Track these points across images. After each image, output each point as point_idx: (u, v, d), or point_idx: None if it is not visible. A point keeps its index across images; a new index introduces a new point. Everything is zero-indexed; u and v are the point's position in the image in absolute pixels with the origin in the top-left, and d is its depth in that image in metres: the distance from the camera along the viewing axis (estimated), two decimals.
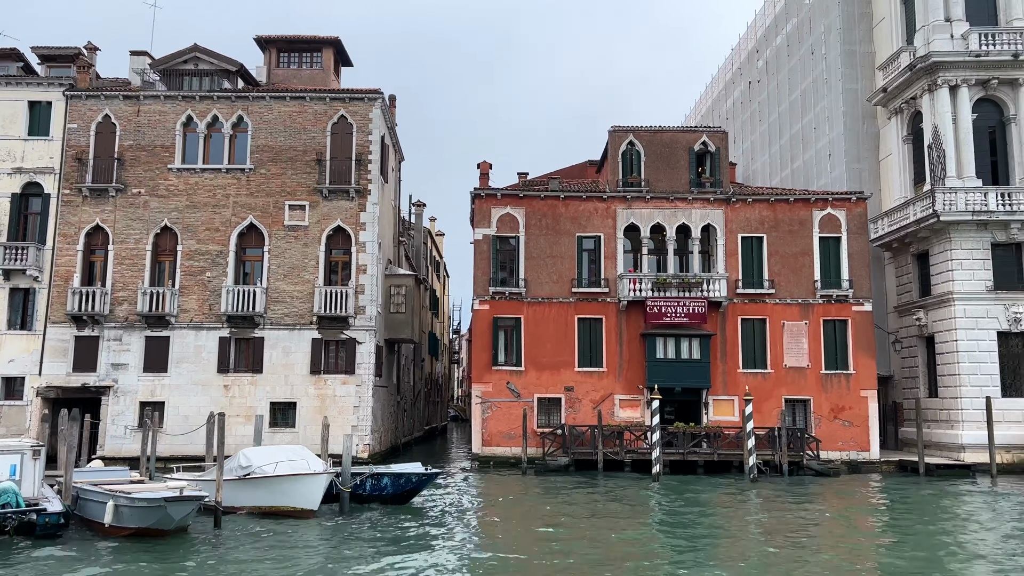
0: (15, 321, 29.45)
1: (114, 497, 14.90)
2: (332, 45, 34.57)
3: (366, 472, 19.24)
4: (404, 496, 19.38)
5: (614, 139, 31.43)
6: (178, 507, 14.63)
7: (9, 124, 30.37)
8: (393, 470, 19.45)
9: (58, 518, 14.74)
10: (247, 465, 17.61)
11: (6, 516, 14.16)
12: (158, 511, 14.52)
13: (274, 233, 30.07)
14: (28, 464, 15.57)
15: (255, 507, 17.34)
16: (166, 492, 14.98)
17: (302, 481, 17.06)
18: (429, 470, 19.68)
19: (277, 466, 17.28)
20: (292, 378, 29.38)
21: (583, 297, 30.37)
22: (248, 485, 17.37)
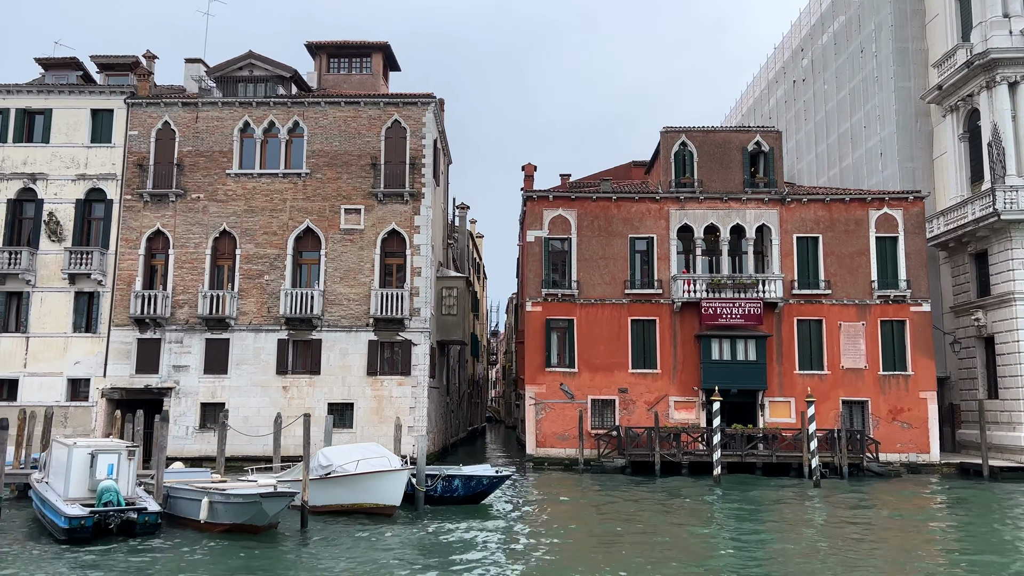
0: (80, 324, 30.17)
1: (208, 494, 15.25)
2: (381, 50, 34.98)
3: (438, 474, 19.43)
4: (474, 498, 19.55)
5: (666, 140, 31.38)
6: (273, 503, 14.95)
7: (73, 132, 31.13)
8: (464, 472, 19.63)
9: (156, 516, 15.13)
10: (327, 464, 17.90)
11: (109, 514, 14.55)
12: (253, 507, 14.84)
13: (330, 237, 30.47)
14: (124, 464, 15.99)
15: (337, 505, 17.59)
16: (261, 488, 15.29)
17: (384, 478, 17.31)
18: (499, 473, 19.82)
19: (358, 464, 17.55)
20: (349, 379, 29.75)
21: (636, 298, 30.36)
22: (329, 484, 17.65)
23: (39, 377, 29.72)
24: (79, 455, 15.82)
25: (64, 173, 30.84)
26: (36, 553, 14.00)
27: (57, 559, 13.52)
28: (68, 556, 13.70)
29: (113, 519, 14.54)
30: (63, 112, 31.20)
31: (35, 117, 31.42)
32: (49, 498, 15.61)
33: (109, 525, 14.53)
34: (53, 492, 16.00)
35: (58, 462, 16.67)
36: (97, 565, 13.16)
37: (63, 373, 29.75)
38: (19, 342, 29.85)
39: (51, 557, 13.67)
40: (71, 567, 13.04)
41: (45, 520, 15.74)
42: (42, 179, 30.77)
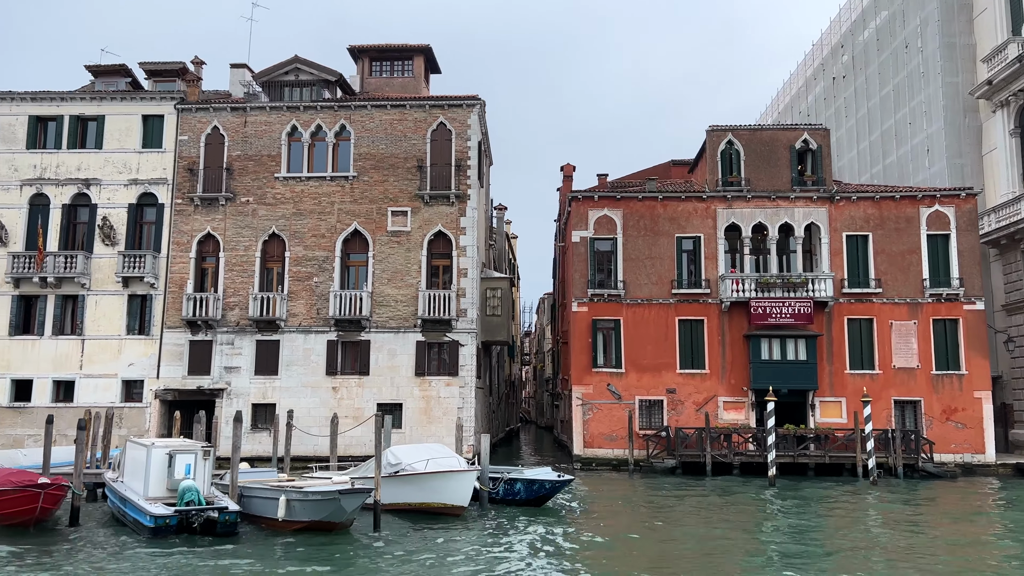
0: (133, 326, 30.67)
1: (286, 492, 15.45)
2: (423, 53, 35.19)
3: (500, 476, 19.49)
4: (536, 501, 19.57)
5: (712, 138, 31.22)
6: (351, 499, 15.11)
7: (125, 137, 31.68)
8: (526, 475, 19.67)
9: (235, 515, 15.36)
10: (396, 463, 18.04)
11: (192, 513, 14.80)
12: (331, 504, 15.01)
13: (377, 239, 30.70)
14: (200, 463, 16.25)
15: (404, 503, 17.72)
16: (338, 485, 15.46)
17: (454, 478, 17.43)
18: (561, 476, 19.84)
19: (428, 463, 17.67)
20: (398, 380, 29.95)
21: (683, 298, 30.24)
22: (397, 482, 17.77)
23: (94, 378, 30.27)
24: (158, 455, 16.11)
25: (117, 178, 31.39)
26: (123, 550, 14.27)
27: (145, 557, 13.77)
28: (155, 554, 13.95)
29: (196, 518, 14.79)
30: (115, 118, 31.76)
31: (88, 124, 32.01)
32: (130, 497, 15.90)
33: (193, 524, 14.79)
34: (132, 491, 16.28)
35: (135, 462, 16.98)
36: (185, 563, 13.39)
37: (117, 375, 30.28)
38: (75, 344, 30.43)
39: (139, 555, 13.93)
40: (160, 564, 13.27)
41: (127, 519, 16.04)
42: (95, 184, 31.34)
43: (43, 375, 30.28)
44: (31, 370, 30.32)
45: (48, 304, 30.60)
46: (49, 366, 30.32)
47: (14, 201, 31.28)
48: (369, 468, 18.55)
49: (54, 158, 31.56)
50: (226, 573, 12.82)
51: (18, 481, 15.89)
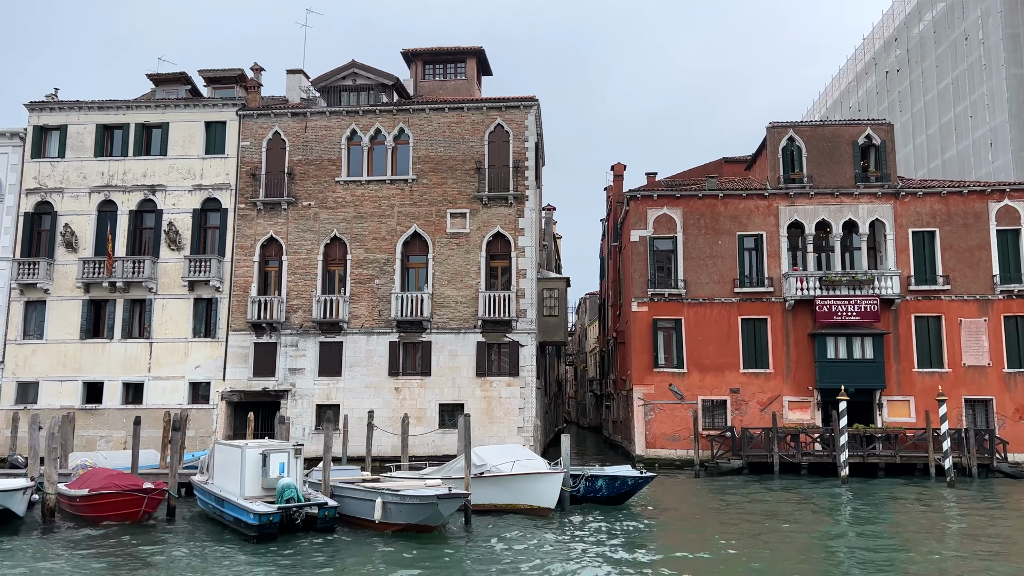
0: (199, 329, 31.24)
1: (382, 495, 15.61)
2: (475, 55, 35.33)
3: (581, 474, 19.49)
4: (618, 499, 19.54)
5: (772, 135, 30.91)
6: (448, 504, 15.23)
7: (188, 144, 32.29)
8: (607, 472, 19.66)
9: (334, 511, 15.57)
10: (481, 464, 18.12)
11: (292, 510, 15.04)
12: (429, 508, 15.14)
13: (437, 240, 30.90)
14: (292, 462, 16.51)
15: (490, 504, 17.80)
16: (434, 490, 15.59)
17: (541, 479, 17.48)
18: (643, 473, 19.78)
19: (514, 465, 17.74)
20: (459, 380, 30.11)
21: (746, 297, 29.97)
22: (484, 483, 17.84)
23: (162, 381, 30.89)
24: (252, 455, 16.39)
25: (181, 184, 32.02)
26: (231, 548, 14.54)
27: (255, 554, 14.02)
28: (262, 551, 14.20)
29: (298, 515, 15.03)
30: (179, 125, 32.39)
31: (152, 131, 32.69)
32: (227, 497, 16.20)
33: (296, 521, 15.02)
34: (227, 491, 16.58)
35: (226, 463, 17.29)
36: (294, 559, 13.61)
37: (185, 377, 30.86)
38: (143, 348, 31.08)
39: (248, 553, 14.19)
40: (270, 560, 13.51)
41: (225, 518, 16.34)
42: (161, 190, 32.00)
43: (113, 378, 30.98)
44: (102, 373, 31.04)
45: (117, 308, 31.31)
46: (119, 369, 31.01)
47: (83, 208, 32.07)
48: (452, 469, 18.65)
49: (121, 165, 32.30)
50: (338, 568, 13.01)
51: (124, 484, 16.29)
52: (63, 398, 30.97)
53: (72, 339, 31.28)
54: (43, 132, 32.78)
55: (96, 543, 14.96)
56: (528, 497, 17.55)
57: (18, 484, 16.43)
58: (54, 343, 31.29)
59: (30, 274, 31.29)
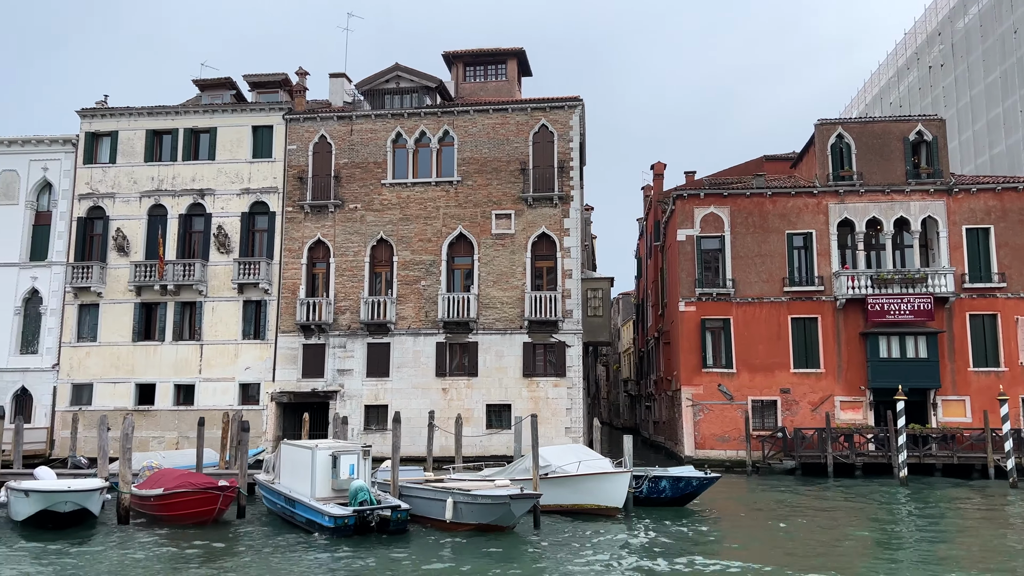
0: (249, 331, 31.61)
1: (452, 495, 15.68)
2: (516, 56, 35.37)
3: (644, 475, 19.41)
4: (681, 500, 19.43)
5: (821, 132, 30.57)
6: (520, 504, 15.26)
7: (236, 148, 32.71)
8: (671, 473, 19.56)
9: (406, 514, 15.66)
10: (545, 464, 18.11)
11: (367, 512, 15.15)
12: (501, 508, 15.18)
13: (482, 242, 30.98)
14: (361, 464, 16.64)
15: (555, 505, 17.78)
16: (506, 489, 15.63)
17: (608, 480, 17.45)
18: (708, 474, 19.66)
19: (580, 465, 17.72)
20: (506, 381, 30.15)
21: (796, 296, 29.67)
22: (549, 484, 17.79)
23: (213, 382, 31.30)
24: (322, 457, 16.55)
25: (229, 188, 32.42)
26: (304, 550, 14.69)
27: (331, 555, 14.16)
28: (338, 553, 14.33)
29: (372, 517, 15.14)
30: (226, 130, 32.82)
31: (200, 136, 33.16)
32: (298, 498, 16.37)
33: (371, 522, 15.13)
34: (297, 492, 16.74)
35: (294, 463, 17.47)
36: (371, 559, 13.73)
37: (235, 378, 31.25)
38: (194, 349, 31.52)
39: (324, 553, 14.33)
40: (348, 563, 13.63)
41: (296, 518, 16.51)
42: (209, 194, 32.43)
43: (165, 379, 31.46)
44: (154, 375, 31.53)
45: (168, 311, 31.79)
46: (170, 371, 31.48)
47: (134, 212, 32.61)
48: (516, 469, 18.67)
49: (170, 170, 32.79)
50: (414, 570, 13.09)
51: (199, 483, 16.54)
52: (116, 399, 31.51)
53: (125, 341, 31.82)
54: (95, 138, 33.40)
55: (175, 542, 15.19)
56: (595, 497, 17.52)
57: (95, 484, 16.75)
58: (107, 345, 31.85)
59: (84, 278, 31.88)
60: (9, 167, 33.33)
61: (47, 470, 19.18)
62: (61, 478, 19.07)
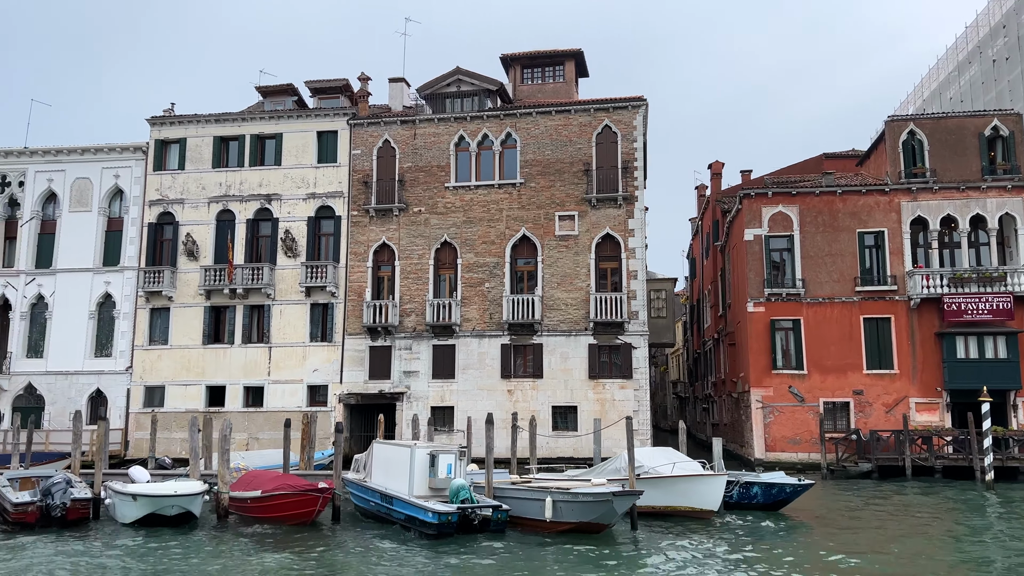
0: (316, 334, 32.02)
1: (551, 494, 15.69)
2: (573, 57, 35.30)
3: (734, 479, 19.20)
4: (773, 506, 19.17)
5: (892, 129, 30.04)
6: (622, 501, 15.22)
7: (302, 153, 33.18)
8: (763, 479, 19.34)
9: (506, 515, 15.71)
10: (638, 466, 18.00)
11: (469, 511, 15.23)
12: (603, 506, 15.15)
13: (546, 243, 30.99)
14: (458, 463, 16.74)
15: (648, 506, 17.67)
16: (607, 488, 15.59)
17: (704, 482, 17.33)
18: (801, 481, 19.37)
19: (674, 467, 17.62)
20: (571, 383, 30.10)
21: (868, 296, 29.17)
22: (642, 485, 17.62)
23: (281, 384, 31.76)
24: (421, 456, 16.68)
25: (295, 193, 32.91)
26: (407, 547, 14.81)
27: (436, 553, 14.25)
28: (443, 550, 14.43)
29: (475, 515, 15.22)
30: (292, 135, 33.32)
31: (266, 142, 33.71)
32: (396, 495, 16.52)
33: (474, 520, 15.21)
34: (392, 489, 16.89)
35: (388, 462, 17.64)
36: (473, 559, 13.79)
37: (303, 380, 31.66)
38: (263, 352, 32.02)
39: (428, 551, 14.44)
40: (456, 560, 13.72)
41: (393, 516, 16.67)
42: (276, 199, 32.95)
43: (234, 381, 32.00)
44: (223, 377, 32.10)
45: (237, 314, 32.34)
46: (240, 373, 32.01)
47: (203, 218, 33.26)
48: (606, 470, 18.60)
49: (237, 176, 33.39)
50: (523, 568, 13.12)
51: (297, 485, 16.78)
52: (187, 401, 32.15)
53: (195, 344, 32.45)
54: (163, 145, 34.15)
55: (281, 543, 15.41)
56: (690, 500, 17.39)
57: (198, 487, 17.09)
58: (178, 348, 32.51)
59: (155, 282, 32.60)
60: (82, 175, 34.25)
61: (141, 470, 19.60)
62: (154, 478, 19.50)
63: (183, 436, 31.76)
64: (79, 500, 17.16)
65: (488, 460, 17.42)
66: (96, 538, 16.02)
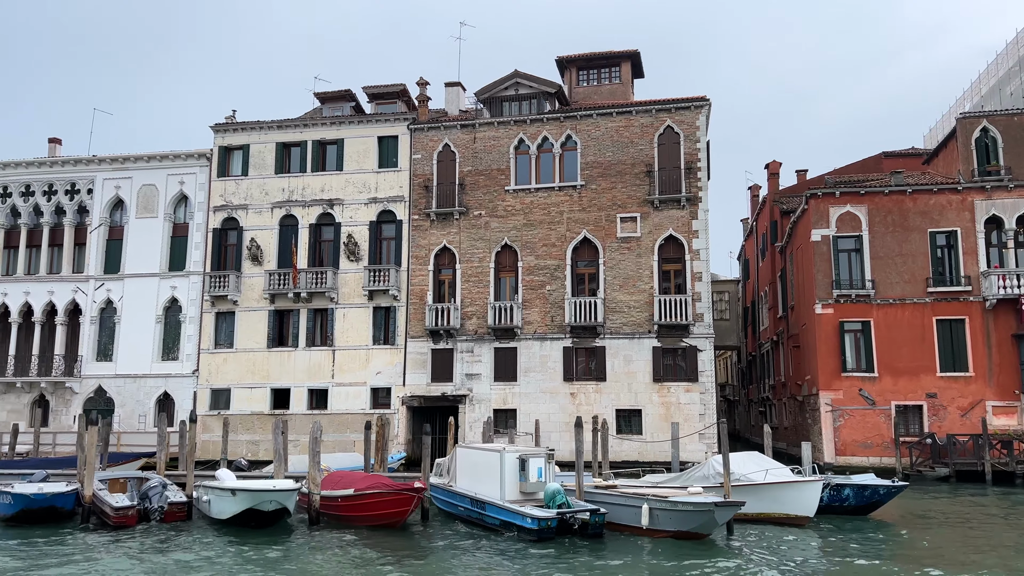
0: (379, 337, 32.30)
1: (648, 501, 15.59)
2: (629, 58, 35.17)
3: (825, 482, 18.85)
4: (865, 509, 18.83)
5: (963, 126, 29.41)
6: (724, 511, 15.07)
7: (363, 159, 33.52)
8: (854, 481, 19.00)
9: (603, 518, 15.65)
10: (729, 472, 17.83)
11: (567, 515, 15.20)
12: (704, 515, 15.01)
13: (607, 245, 30.88)
14: (547, 467, 16.72)
15: (741, 513, 17.44)
16: (708, 497, 15.45)
17: (800, 488, 17.10)
18: (895, 482, 19.01)
19: (767, 474, 17.41)
20: (635, 386, 29.93)
21: (940, 297, 28.54)
22: (735, 492, 17.50)
23: (345, 387, 32.08)
24: (511, 460, 16.71)
25: (357, 198, 33.24)
26: (511, 552, 14.82)
27: (539, 557, 14.25)
28: (545, 554, 14.42)
29: (574, 520, 15.19)
30: (353, 141, 33.67)
31: (327, 147, 34.12)
32: (487, 499, 16.55)
33: (573, 525, 15.18)
34: (483, 494, 16.93)
35: (477, 466, 17.69)
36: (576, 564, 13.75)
37: (366, 383, 31.95)
38: (326, 355, 32.38)
39: (529, 556, 14.43)
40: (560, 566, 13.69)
41: (487, 520, 16.70)
42: (338, 204, 33.32)
43: (299, 384, 32.41)
44: (288, 380, 32.53)
45: (300, 318, 32.76)
46: (304, 376, 32.41)
47: (266, 223, 33.76)
48: (694, 476, 18.42)
49: (300, 181, 33.84)
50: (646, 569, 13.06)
51: (391, 485, 16.92)
52: (253, 404, 32.64)
53: (260, 348, 32.93)
54: (227, 152, 34.76)
55: (378, 543, 15.54)
56: (785, 506, 17.15)
57: (293, 484, 17.32)
58: (243, 352, 33.02)
59: (220, 287, 33.16)
60: (149, 182, 35.01)
61: (228, 472, 19.90)
62: (241, 479, 19.80)
63: (248, 438, 32.37)
64: (175, 503, 17.51)
65: (578, 464, 17.37)
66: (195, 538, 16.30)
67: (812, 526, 17.27)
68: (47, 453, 31.47)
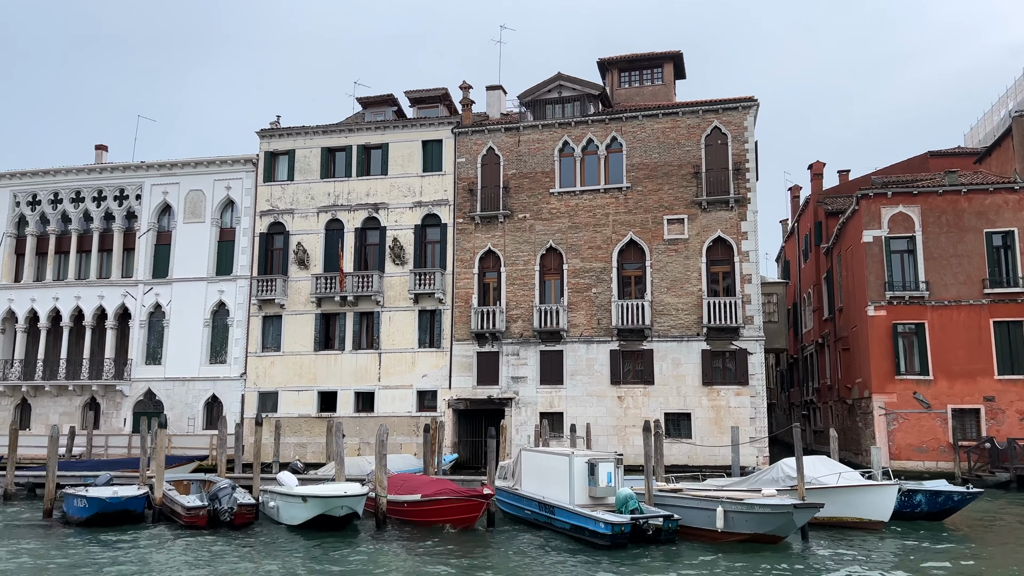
0: (424, 340, 32.41)
1: (722, 504, 15.45)
2: (672, 60, 34.96)
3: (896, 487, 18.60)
4: (939, 515, 18.52)
5: (1020, 124, 28.90)
6: (802, 514, 14.92)
7: (407, 163, 33.68)
8: (926, 487, 18.71)
9: (676, 523, 15.54)
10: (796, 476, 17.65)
11: (641, 521, 15.11)
12: (782, 518, 14.86)
13: (654, 247, 30.72)
14: (616, 472, 16.65)
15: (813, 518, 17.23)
16: (787, 500, 15.30)
17: (875, 492, 16.88)
18: (970, 489, 18.68)
19: (839, 477, 17.20)
20: (684, 389, 29.72)
21: (997, 298, 28.03)
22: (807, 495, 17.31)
23: (391, 390, 32.23)
24: (579, 464, 16.65)
25: (402, 201, 33.41)
26: (583, 558, 14.75)
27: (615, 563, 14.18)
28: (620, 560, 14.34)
29: (648, 525, 15.10)
30: (397, 145, 33.86)
31: (372, 152, 34.33)
32: (557, 504, 16.51)
33: (647, 531, 15.09)
34: (551, 498, 16.88)
35: (542, 470, 17.67)
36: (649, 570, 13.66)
37: (412, 386, 32.07)
38: (372, 358, 32.55)
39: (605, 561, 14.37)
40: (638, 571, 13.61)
41: (556, 524, 16.66)
42: (383, 208, 33.50)
43: (345, 387, 32.61)
44: (335, 383, 32.74)
45: (347, 321, 32.97)
46: (350, 379, 32.61)
47: (312, 227, 34.03)
48: (761, 480, 18.25)
49: (345, 185, 34.08)
50: None
51: (459, 490, 16.94)
52: (300, 407, 32.90)
53: (306, 351, 33.19)
54: (273, 157, 35.10)
55: (452, 547, 15.55)
56: (859, 510, 16.92)
57: (362, 489, 17.41)
58: (290, 355, 33.31)
59: (267, 291, 33.48)
60: (196, 187, 35.45)
61: (289, 475, 20.04)
62: (303, 483, 19.92)
63: (296, 440, 32.64)
64: (244, 505, 17.67)
65: (647, 468, 17.27)
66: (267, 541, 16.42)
67: (887, 532, 17.01)
68: (99, 455, 32.00)
